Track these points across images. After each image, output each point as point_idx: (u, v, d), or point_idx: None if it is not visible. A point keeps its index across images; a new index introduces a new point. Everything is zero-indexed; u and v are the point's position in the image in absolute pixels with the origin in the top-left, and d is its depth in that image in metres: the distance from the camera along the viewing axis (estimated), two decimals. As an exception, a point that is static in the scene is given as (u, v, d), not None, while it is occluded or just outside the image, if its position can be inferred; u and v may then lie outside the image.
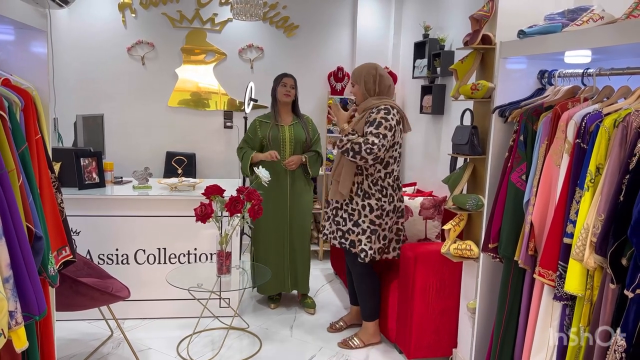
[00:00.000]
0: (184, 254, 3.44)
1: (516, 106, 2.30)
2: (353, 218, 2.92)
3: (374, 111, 2.82)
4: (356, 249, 2.92)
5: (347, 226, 2.95)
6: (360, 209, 2.89)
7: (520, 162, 2.16)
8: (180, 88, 5.03)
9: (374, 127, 2.76)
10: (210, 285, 2.88)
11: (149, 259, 3.41)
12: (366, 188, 2.88)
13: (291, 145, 3.52)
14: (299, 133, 3.55)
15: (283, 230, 3.57)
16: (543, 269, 1.93)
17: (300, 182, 3.57)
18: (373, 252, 2.90)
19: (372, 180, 2.88)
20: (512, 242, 2.18)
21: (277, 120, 3.54)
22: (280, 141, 3.51)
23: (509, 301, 2.24)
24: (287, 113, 3.60)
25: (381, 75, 2.93)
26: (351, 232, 2.93)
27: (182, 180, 3.64)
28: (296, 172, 3.54)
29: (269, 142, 3.51)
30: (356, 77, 2.95)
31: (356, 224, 2.91)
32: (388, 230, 2.95)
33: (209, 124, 5.09)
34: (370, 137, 2.74)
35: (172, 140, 5.03)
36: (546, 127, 2.05)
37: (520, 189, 2.15)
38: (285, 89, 3.51)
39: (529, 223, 2.06)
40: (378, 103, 2.86)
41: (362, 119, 2.86)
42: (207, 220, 2.80)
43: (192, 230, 3.31)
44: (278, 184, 3.49)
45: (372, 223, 2.88)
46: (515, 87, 2.40)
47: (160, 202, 3.40)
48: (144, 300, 3.39)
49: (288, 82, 3.52)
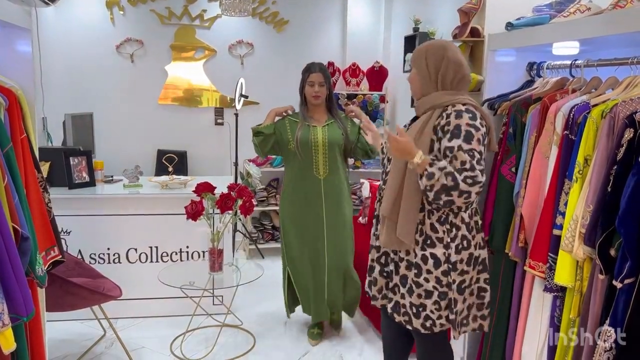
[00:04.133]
0: (175, 252, 3.43)
1: (505, 98, 2.30)
2: (409, 276, 1.95)
3: (451, 114, 1.83)
4: (420, 318, 1.95)
5: (404, 288, 1.97)
6: (421, 262, 1.92)
7: (510, 154, 2.16)
8: (170, 85, 5.01)
9: (462, 139, 1.78)
10: (203, 283, 2.86)
11: (141, 257, 3.39)
12: (428, 230, 1.91)
13: (324, 150, 2.91)
14: (334, 134, 2.93)
15: (318, 255, 3.00)
16: (533, 260, 1.94)
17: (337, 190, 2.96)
18: (444, 321, 1.95)
19: (438, 216, 1.90)
20: (503, 234, 2.18)
21: (307, 120, 2.94)
22: (311, 144, 2.90)
23: (500, 294, 2.24)
24: (320, 112, 2.99)
25: (455, 60, 1.89)
26: (410, 295, 1.95)
27: (173, 178, 3.62)
28: (333, 177, 2.94)
29: (298, 145, 2.90)
30: (415, 58, 1.96)
31: (417, 284, 1.93)
32: (456, 292, 1.93)
33: (199, 121, 5.07)
34: (462, 157, 1.76)
35: (163, 138, 5.02)
36: (535, 119, 2.06)
37: (510, 182, 2.15)
38: (314, 89, 2.89)
39: (519, 215, 2.07)
40: (452, 100, 1.87)
41: (427, 125, 1.89)
42: (198, 217, 2.78)
43: (183, 229, 3.29)
44: (307, 197, 2.95)
45: (440, 283, 1.91)
46: (504, 79, 2.39)
47: (151, 200, 3.38)
48: (136, 299, 3.37)
49: (316, 80, 2.88)
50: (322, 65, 2.95)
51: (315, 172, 2.92)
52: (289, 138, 2.94)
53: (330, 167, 2.93)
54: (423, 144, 1.85)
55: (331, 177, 2.93)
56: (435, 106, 1.88)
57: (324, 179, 2.92)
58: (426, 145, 1.85)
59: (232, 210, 2.82)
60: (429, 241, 1.89)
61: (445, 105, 1.87)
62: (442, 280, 1.90)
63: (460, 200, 1.75)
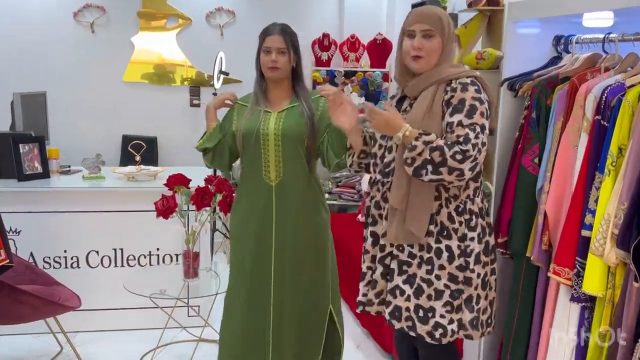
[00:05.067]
0: (144, 255, 3.43)
1: (528, 78, 2.30)
2: (419, 274, 1.98)
3: (456, 87, 1.91)
4: (427, 324, 1.97)
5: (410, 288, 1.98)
6: (434, 257, 1.96)
7: (532, 143, 2.17)
8: (138, 60, 5.00)
9: (464, 114, 1.86)
10: (176, 291, 2.85)
11: (103, 261, 3.39)
12: (445, 220, 1.97)
13: (277, 144, 2.44)
14: (292, 123, 2.44)
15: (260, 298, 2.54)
16: (558, 266, 1.95)
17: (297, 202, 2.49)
18: (455, 327, 1.97)
19: (456, 205, 1.97)
20: (523, 235, 2.19)
21: (259, 104, 2.50)
22: (258, 137, 2.45)
23: (520, 304, 2.25)
24: (281, 93, 2.51)
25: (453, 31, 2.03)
26: (418, 296, 1.98)
27: (140, 168, 3.61)
28: (291, 184, 2.48)
29: (240, 138, 2.47)
30: (437, 22, 1.94)
31: (428, 282, 1.97)
32: (480, 287, 1.98)
33: (172, 101, 5.06)
34: (460, 131, 1.85)
35: (129, 121, 5.03)
36: (562, 101, 2.06)
37: (533, 174, 2.16)
38: (270, 57, 2.41)
39: (542, 213, 2.08)
40: (458, 73, 1.95)
41: (434, 101, 1.94)
42: (170, 215, 2.78)
43: (153, 228, 3.28)
44: (252, 212, 2.52)
45: (454, 280, 1.95)
46: (526, 55, 2.39)
47: (116, 195, 3.38)
48: (98, 310, 3.36)
49: (274, 45, 2.41)
50: (286, 26, 2.49)
51: (264, 176, 2.47)
52: (233, 129, 2.51)
53: (287, 169, 2.46)
54: (434, 122, 1.91)
55: (288, 184, 2.46)
56: (439, 81, 1.95)
57: (277, 185, 2.46)
58: (438, 122, 1.91)
59: (210, 207, 2.82)
60: (444, 232, 1.95)
61: (450, 79, 1.94)
62: (457, 276, 1.94)
63: (452, 177, 1.84)
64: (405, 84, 2.04)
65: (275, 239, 2.49)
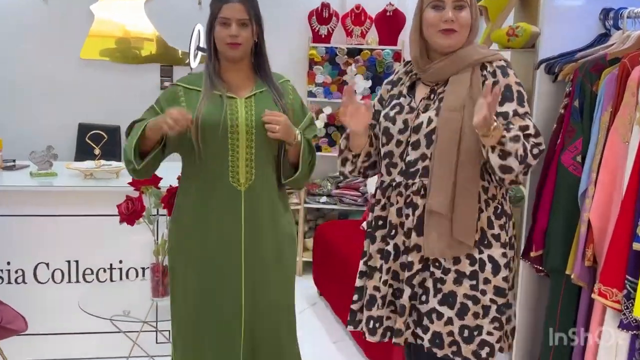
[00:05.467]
0: (104, 269, 3.42)
1: (569, 59, 2.32)
2: (459, 291, 2.00)
3: (495, 71, 1.98)
4: (473, 343, 2.00)
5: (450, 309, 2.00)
6: (478, 269, 2.00)
7: (575, 137, 2.18)
8: (98, 33, 5.00)
9: (515, 102, 1.95)
10: (142, 313, 2.84)
11: (55, 276, 3.38)
12: (485, 226, 2.01)
13: (250, 137, 2.37)
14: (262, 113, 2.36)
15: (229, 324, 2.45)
16: (605, 286, 1.96)
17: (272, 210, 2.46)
18: (503, 344, 2.06)
19: (494, 207, 2.03)
20: (562, 249, 2.21)
21: (217, 87, 2.39)
22: (226, 129, 2.35)
23: (558, 330, 2.25)
24: (241, 74, 2.46)
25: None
26: (462, 316, 2.00)
27: (100, 164, 3.60)
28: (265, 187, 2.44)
29: (198, 130, 2.32)
30: None
31: (474, 300, 2.00)
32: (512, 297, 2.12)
33: (139, 83, 5.05)
34: (520, 122, 1.93)
35: (87, 107, 5.00)
36: (610, 88, 2.08)
37: (574, 175, 2.17)
38: (229, 31, 2.32)
39: (585, 222, 2.08)
40: (491, 55, 2.04)
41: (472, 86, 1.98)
42: (136, 221, 2.77)
43: (115, 236, 3.27)
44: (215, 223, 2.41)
45: (501, 293, 2.00)
46: (568, 32, 2.42)
47: (70, 195, 3.36)
48: (48, 335, 3.33)
49: (233, 16, 2.31)
50: None
51: (231, 179, 2.39)
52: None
53: (259, 170, 2.40)
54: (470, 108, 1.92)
55: (261, 187, 2.41)
56: (473, 63, 1.99)
57: (247, 190, 2.39)
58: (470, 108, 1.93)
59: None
60: (485, 240, 2.00)
61: (483, 61, 2.00)
62: (503, 289, 2.00)
63: (520, 175, 1.91)
64: (426, 66, 2.03)
65: (245, 254, 2.40)
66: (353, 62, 5.05)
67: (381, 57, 5.02)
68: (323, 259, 4.37)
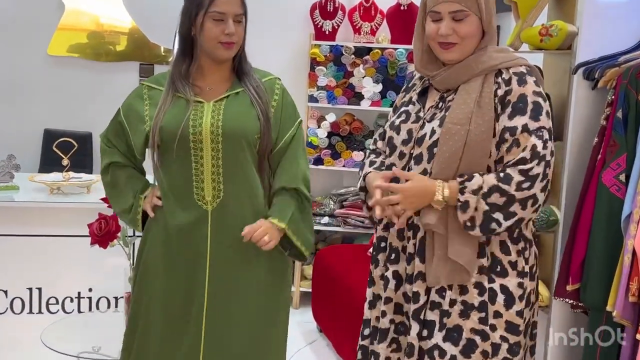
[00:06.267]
0: (71, 298, 3.49)
1: (612, 63, 2.33)
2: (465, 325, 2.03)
3: (510, 79, 1.99)
4: None
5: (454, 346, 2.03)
6: (487, 301, 2.01)
7: (618, 153, 2.19)
8: (69, 25, 5.01)
9: (528, 115, 1.94)
10: (115, 350, 2.77)
11: (14, 305, 3.43)
12: (497, 251, 2.03)
13: (216, 148, 2.35)
14: (240, 116, 2.37)
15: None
16: (653, 325, 1.95)
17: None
18: None
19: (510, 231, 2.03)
20: (602, 282, 2.20)
21: (183, 91, 2.37)
22: (188, 138, 2.33)
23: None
24: (220, 76, 2.44)
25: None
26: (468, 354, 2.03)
27: (69, 176, 3.63)
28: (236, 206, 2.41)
29: (154, 140, 2.35)
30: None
31: (482, 335, 2.02)
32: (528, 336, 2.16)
33: (115, 84, 5.02)
34: (525, 141, 1.94)
35: (54, 111, 5.05)
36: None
37: (617, 197, 2.18)
38: (223, 27, 2.30)
39: (630, 251, 2.08)
40: (509, 60, 2.03)
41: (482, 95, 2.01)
42: (109, 243, 2.78)
43: (85, 260, 3.29)
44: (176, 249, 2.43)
45: (514, 330, 2.02)
46: (610, 32, 2.44)
47: (34, 212, 3.47)
48: (6, 374, 3.35)
49: (230, 11, 2.30)
50: None
51: (195, 197, 2.36)
52: (145, 128, 2.40)
53: (229, 186, 2.36)
54: (485, 122, 1.96)
55: (230, 207, 2.37)
56: (486, 70, 2.00)
57: (215, 210, 2.37)
58: (489, 122, 1.96)
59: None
60: (498, 267, 1.99)
61: (499, 68, 2.00)
62: (516, 325, 1.99)
63: (529, 210, 1.91)
64: (433, 73, 2.06)
65: (209, 286, 2.38)
66: (361, 63, 5.02)
67: (393, 57, 4.99)
68: (324, 289, 4.34)
